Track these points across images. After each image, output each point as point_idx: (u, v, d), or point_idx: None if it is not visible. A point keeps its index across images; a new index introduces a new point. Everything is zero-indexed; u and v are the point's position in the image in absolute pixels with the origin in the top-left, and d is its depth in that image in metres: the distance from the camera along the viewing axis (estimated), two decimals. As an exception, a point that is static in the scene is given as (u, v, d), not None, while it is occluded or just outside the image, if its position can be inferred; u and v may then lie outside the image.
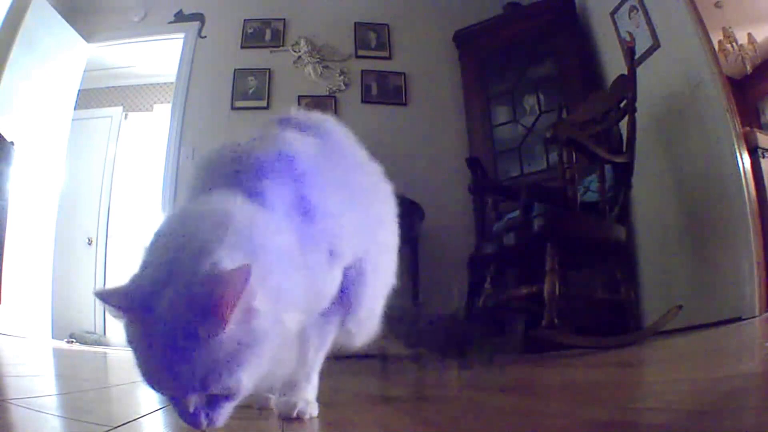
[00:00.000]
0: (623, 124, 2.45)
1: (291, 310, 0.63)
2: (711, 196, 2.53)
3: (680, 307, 2.26)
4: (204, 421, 0.57)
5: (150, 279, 0.57)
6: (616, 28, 3.17)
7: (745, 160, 2.41)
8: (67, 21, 3.72)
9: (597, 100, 2.65)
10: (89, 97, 4.44)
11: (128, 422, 0.71)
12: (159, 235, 0.62)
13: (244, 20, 3.93)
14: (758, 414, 0.59)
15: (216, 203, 0.65)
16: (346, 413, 0.79)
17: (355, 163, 0.86)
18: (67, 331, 4.00)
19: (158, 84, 4.87)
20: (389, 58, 3.92)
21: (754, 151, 2.51)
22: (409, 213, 3.13)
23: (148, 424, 0.76)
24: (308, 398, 0.78)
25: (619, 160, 2.34)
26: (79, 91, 3.99)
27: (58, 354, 2.72)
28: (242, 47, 3.88)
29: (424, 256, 3.23)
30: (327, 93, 3.78)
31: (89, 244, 4.56)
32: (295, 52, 3.85)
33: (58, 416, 0.78)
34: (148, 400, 1.19)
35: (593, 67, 3.42)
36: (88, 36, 3.89)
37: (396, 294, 0.91)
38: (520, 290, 2.28)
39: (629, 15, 3.05)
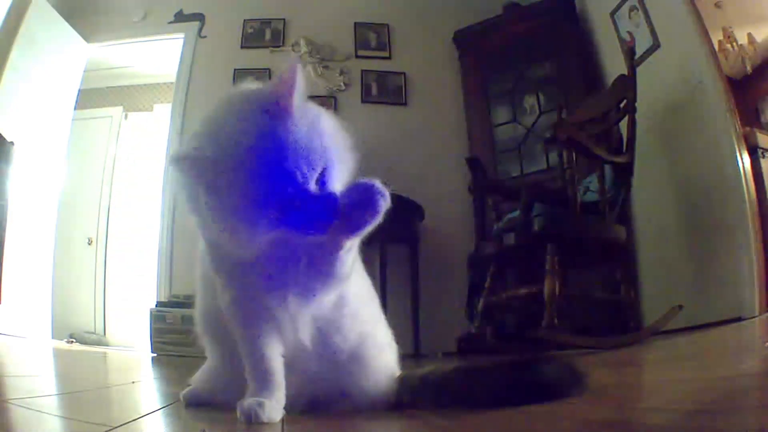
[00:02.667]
0: (623, 124, 2.45)
1: None
2: (711, 196, 2.52)
3: (680, 307, 2.26)
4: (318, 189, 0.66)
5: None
6: (616, 28, 3.17)
7: (745, 160, 2.41)
8: (67, 21, 3.72)
9: (597, 100, 2.65)
10: (89, 97, 4.44)
11: (128, 422, 0.71)
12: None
13: (244, 20, 3.93)
14: (758, 414, 0.59)
15: None
16: (349, 415, 0.79)
17: None
18: (67, 331, 4.01)
19: (158, 84, 4.88)
20: (389, 58, 3.92)
21: (754, 151, 2.50)
22: (409, 213, 3.13)
23: (148, 424, 0.76)
24: (272, 400, 0.73)
25: (619, 160, 2.34)
26: (79, 91, 3.99)
27: (58, 354, 2.72)
28: (242, 47, 3.88)
29: (424, 256, 3.23)
30: (327, 93, 3.77)
31: (89, 244, 4.57)
32: (295, 52, 3.85)
33: (58, 416, 0.77)
34: (148, 400, 1.19)
35: (593, 67, 3.42)
36: (88, 36, 3.89)
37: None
38: (519, 290, 2.28)
39: (629, 15, 3.05)
